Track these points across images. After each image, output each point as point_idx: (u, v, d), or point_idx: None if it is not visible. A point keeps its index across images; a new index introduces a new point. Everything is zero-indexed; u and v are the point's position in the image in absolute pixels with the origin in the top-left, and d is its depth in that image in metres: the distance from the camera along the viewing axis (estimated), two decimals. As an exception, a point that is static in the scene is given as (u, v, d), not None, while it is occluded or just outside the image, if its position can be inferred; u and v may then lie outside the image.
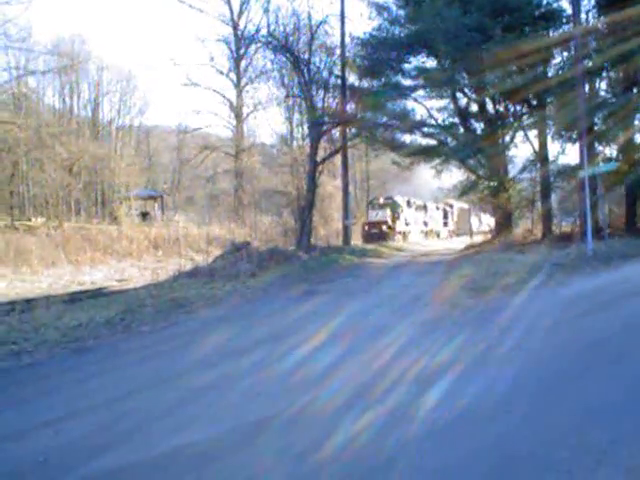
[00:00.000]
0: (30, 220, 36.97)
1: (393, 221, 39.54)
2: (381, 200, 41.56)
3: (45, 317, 10.32)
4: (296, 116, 44.77)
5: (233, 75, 43.78)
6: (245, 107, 44.02)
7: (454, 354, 7.44)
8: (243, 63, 43.12)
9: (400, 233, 40.75)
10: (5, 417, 5.77)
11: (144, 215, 42.89)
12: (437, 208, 54.18)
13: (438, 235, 52.03)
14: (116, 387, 6.69)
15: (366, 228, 39.64)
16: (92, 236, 32.43)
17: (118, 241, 32.40)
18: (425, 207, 49.18)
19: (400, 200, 42.28)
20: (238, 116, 43.44)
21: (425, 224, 48.59)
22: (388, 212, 39.65)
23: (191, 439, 5.06)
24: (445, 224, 56.84)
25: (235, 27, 43.50)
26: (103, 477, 4.47)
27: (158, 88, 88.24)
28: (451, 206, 59.95)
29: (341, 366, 7.30)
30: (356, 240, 38.49)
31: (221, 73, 44.39)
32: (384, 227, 38.74)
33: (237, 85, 43.47)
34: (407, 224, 42.71)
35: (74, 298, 14.04)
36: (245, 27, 41.90)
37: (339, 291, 14.32)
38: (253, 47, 38.26)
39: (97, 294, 16.78)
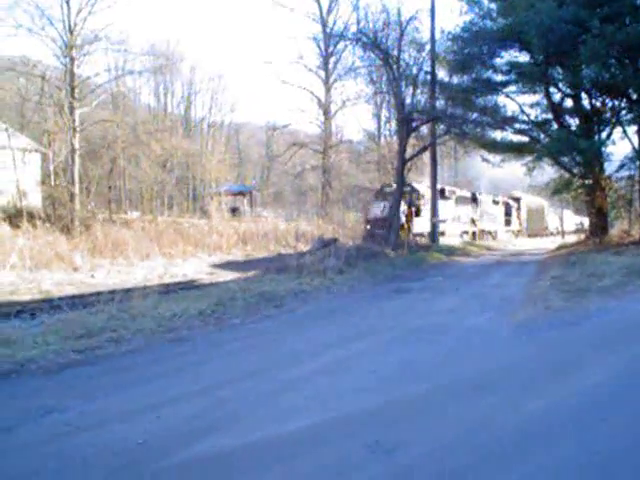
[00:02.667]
0: (126, 214, 38.49)
1: (409, 217, 29.25)
2: (393, 187, 29.64)
3: (141, 307, 10.70)
4: (384, 113, 44.59)
5: (322, 72, 44.03)
6: (333, 104, 44.20)
7: (554, 358, 7.25)
8: (332, 60, 43.33)
9: (420, 235, 30.17)
10: (109, 400, 6.03)
11: (234, 210, 43.82)
12: (495, 202, 44.51)
13: (493, 236, 42.54)
14: (211, 376, 6.88)
15: (368, 227, 29.54)
16: (184, 230, 33.40)
17: (209, 235, 33.20)
18: (475, 199, 39.87)
19: (423, 188, 32.51)
20: (326, 113, 43.65)
21: (473, 222, 39.11)
22: (402, 206, 28.65)
23: (285, 429, 5.15)
24: (507, 222, 47.31)
25: (324, 25, 43.71)
26: (199, 462, 4.60)
27: (248, 86, 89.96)
28: (517, 200, 50.63)
29: (430, 365, 7.25)
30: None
31: (310, 70, 44.74)
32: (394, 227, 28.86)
33: (326, 82, 43.70)
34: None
35: (168, 289, 14.50)
36: (334, 24, 42.06)
37: (427, 289, 14.18)
38: (342, 44, 38.42)
39: (189, 286, 17.27)
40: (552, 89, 25.67)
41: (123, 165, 40.03)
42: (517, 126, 26.53)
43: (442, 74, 27.15)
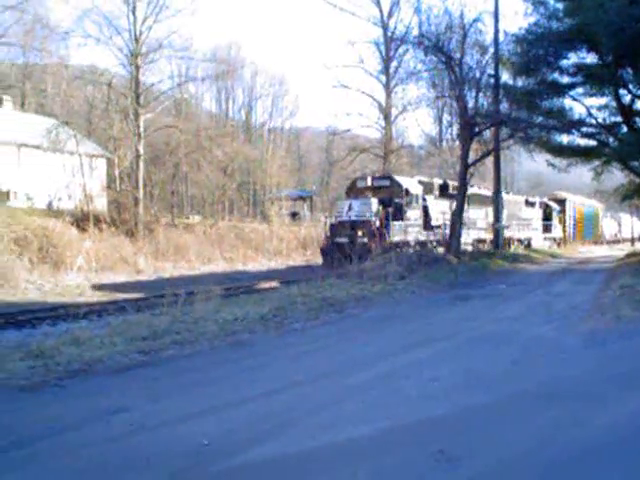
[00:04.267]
0: (188, 218, 39.22)
1: (382, 223, 22.28)
2: (368, 182, 24.25)
3: (203, 310, 10.84)
4: (446, 117, 44.13)
5: (382, 76, 43.88)
6: (394, 108, 43.98)
7: (623, 370, 6.98)
8: (393, 64, 43.11)
9: (405, 243, 23.31)
10: (172, 401, 6.11)
11: (294, 215, 44.11)
12: (529, 203, 36.90)
13: (526, 244, 34.91)
14: (272, 381, 6.89)
15: (328, 234, 23.31)
16: (244, 234, 33.84)
17: (269, 240, 33.55)
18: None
19: (411, 184, 25.06)
20: (387, 117, 43.46)
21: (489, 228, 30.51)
22: (373, 205, 22.42)
23: (346, 436, 5.09)
24: (547, 228, 40.10)
25: (385, 28, 43.56)
26: (261, 465, 4.60)
27: (308, 91, 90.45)
28: (561, 202, 43.23)
29: (494, 375, 7.09)
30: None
31: (370, 75, 44.67)
32: (361, 233, 21.98)
33: (386, 86, 43.52)
34: (431, 226, 25.68)
35: (229, 293, 14.67)
36: (395, 28, 41.86)
37: (490, 297, 13.92)
38: (403, 48, 38.22)
39: (250, 290, 17.46)
40: (622, 91, 24.85)
41: (185, 170, 40.80)
42: (584, 129, 25.76)
43: (506, 77, 26.65)
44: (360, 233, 21.97)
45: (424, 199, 25.42)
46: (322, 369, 7.42)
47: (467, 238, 27.85)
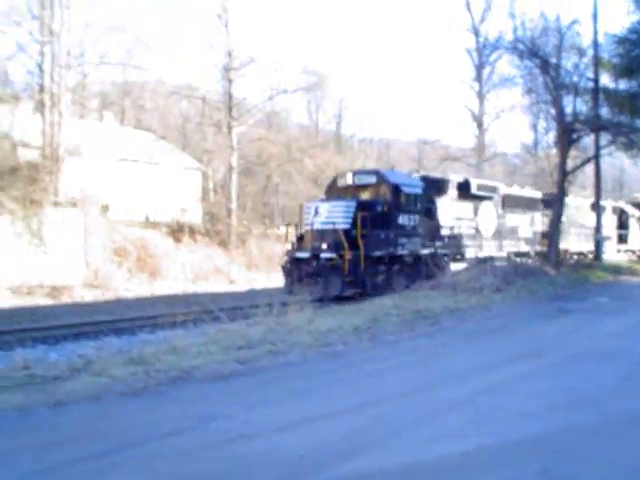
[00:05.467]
0: (279, 229, 39.76)
1: (360, 233, 16.76)
2: (348, 179, 18.98)
3: (297, 321, 10.90)
4: (541, 123, 42.85)
5: (475, 84, 43.17)
6: (486, 116, 43.15)
7: None
8: (485, 71, 42.36)
9: (387, 260, 17.86)
10: (268, 411, 6.14)
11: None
12: (600, 208, 28.32)
13: (592, 256, 28.02)
14: (367, 393, 6.81)
15: (290, 248, 18.30)
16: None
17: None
18: (546, 202, 26.50)
19: (409, 181, 19.63)
20: (480, 125, 42.69)
21: (543, 236, 26.14)
22: (347, 209, 17.27)
23: (444, 451, 4.95)
24: (622, 238, 34.15)
25: (477, 34, 42.87)
26: (355, 478, 4.52)
27: (398, 101, 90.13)
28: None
29: (597, 393, 6.74)
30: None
31: (463, 82, 44.05)
32: (326, 246, 16.85)
33: (479, 93, 42.78)
34: (440, 237, 20.42)
35: (322, 304, 14.68)
36: (487, 34, 41.11)
37: (592, 311, 13.34)
38: (496, 54, 37.46)
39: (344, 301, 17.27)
40: None
41: (277, 181, 41.41)
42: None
43: (606, 80, 25.63)
44: (324, 246, 16.78)
45: (430, 201, 19.90)
46: (417, 382, 7.29)
47: (491, 248, 23.29)
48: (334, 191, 19.16)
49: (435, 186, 20.57)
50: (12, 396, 6.53)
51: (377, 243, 17.27)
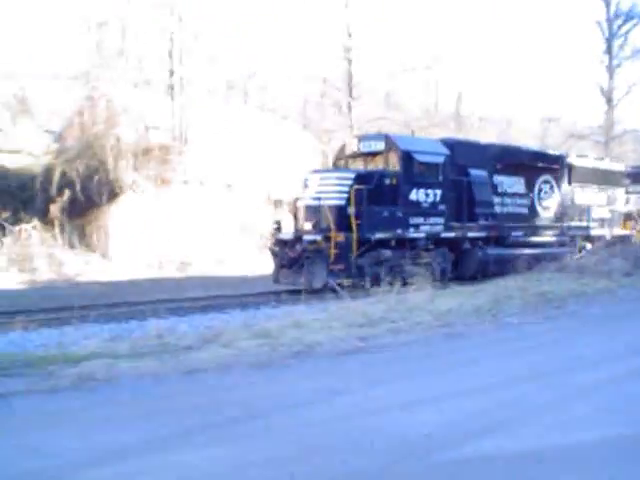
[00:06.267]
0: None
1: (359, 210, 14.14)
2: (354, 146, 16.24)
3: (417, 300, 10.88)
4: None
5: (604, 57, 40.75)
6: (616, 91, 40.65)
7: None
8: (617, 43, 39.87)
9: (392, 243, 14.90)
10: (390, 388, 6.22)
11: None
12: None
13: None
14: (490, 375, 6.73)
15: (276, 227, 15.83)
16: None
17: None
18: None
19: (426, 146, 16.33)
20: (609, 101, 40.30)
21: None
22: (342, 181, 14.53)
23: (573, 439, 4.82)
24: None
25: (608, 4, 40.35)
26: (480, 460, 4.49)
27: (520, 76, 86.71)
28: None
29: None
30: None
31: (591, 56, 41.75)
32: (311, 226, 14.49)
33: (609, 67, 40.36)
34: (474, 214, 16.79)
35: (444, 285, 14.45)
36: (619, 3, 38.64)
37: None
38: (629, 24, 35.23)
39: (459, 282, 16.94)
40: None
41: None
42: None
43: None
44: (307, 226, 14.47)
45: (461, 172, 16.49)
46: (543, 367, 7.09)
47: (554, 234, 19.20)
48: (342, 160, 16.56)
49: (464, 153, 16.93)
50: (147, 363, 6.98)
51: (378, 223, 14.37)
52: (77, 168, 21.27)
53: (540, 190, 19.06)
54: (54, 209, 20.78)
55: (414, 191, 15.20)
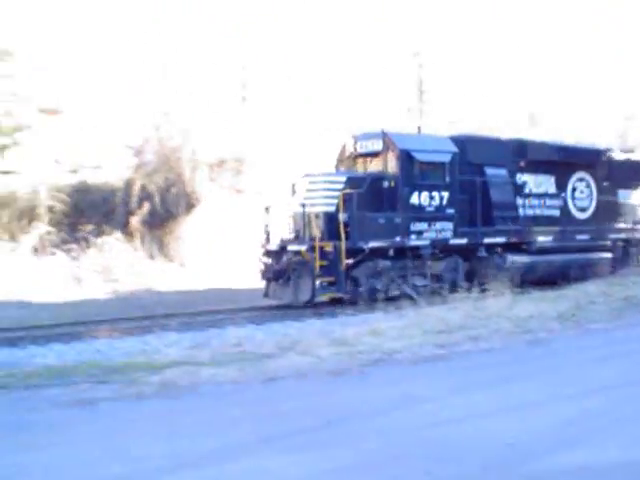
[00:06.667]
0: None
1: (345, 215, 12.94)
2: (350, 146, 14.85)
3: (496, 306, 10.67)
4: None
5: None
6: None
7: None
8: None
9: (386, 252, 13.38)
10: (474, 396, 6.11)
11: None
12: None
13: None
14: (576, 383, 6.52)
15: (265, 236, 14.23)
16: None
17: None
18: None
19: (428, 144, 14.74)
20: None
21: None
22: (331, 185, 13.39)
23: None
24: None
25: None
26: (569, 473, 4.33)
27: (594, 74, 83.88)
28: None
29: None
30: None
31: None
32: (293, 235, 13.92)
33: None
34: (490, 218, 15.16)
35: (522, 290, 13.96)
36: None
37: None
38: None
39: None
40: None
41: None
42: None
43: None
44: (292, 235, 13.80)
45: (476, 171, 15.00)
46: (630, 375, 6.84)
47: (591, 238, 16.85)
48: (343, 163, 15.08)
49: (477, 150, 15.33)
50: (228, 370, 7.09)
51: (372, 230, 13.10)
52: (156, 181, 21.95)
53: (574, 189, 17.13)
54: (134, 221, 21.48)
55: (416, 194, 13.82)
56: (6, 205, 20.54)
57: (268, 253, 13.61)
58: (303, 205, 12.97)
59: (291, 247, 13.07)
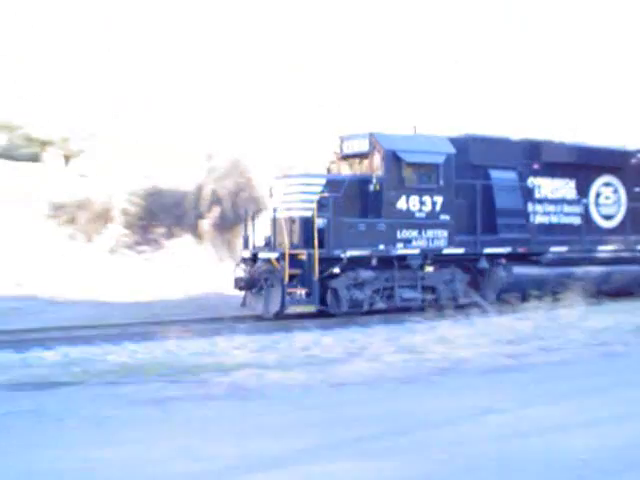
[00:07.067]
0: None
1: (320, 221, 12.22)
2: (337, 147, 14.13)
3: (568, 316, 10.38)
4: None
5: None
6: None
7: None
8: None
9: (369, 262, 12.57)
10: (545, 409, 5.99)
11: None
12: None
13: None
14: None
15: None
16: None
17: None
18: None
19: (420, 144, 13.47)
20: None
21: None
22: (307, 187, 12.58)
23: None
24: None
25: None
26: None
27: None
28: None
29: None
30: None
31: None
32: (263, 242, 13.34)
33: None
34: (494, 226, 14.04)
35: (599, 301, 13.32)
36: None
37: None
38: None
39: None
40: None
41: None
42: None
43: None
44: (262, 241, 13.18)
45: (485, 175, 14.08)
46: None
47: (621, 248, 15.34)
48: (334, 165, 14.13)
49: (492, 152, 14.13)
50: (295, 374, 7.14)
51: (351, 238, 12.19)
52: (226, 185, 22.36)
53: (599, 195, 15.45)
54: (204, 224, 21.94)
55: (403, 198, 12.77)
56: (83, 207, 21.30)
57: (244, 260, 12.91)
58: (274, 209, 12.46)
59: (262, 254, 12.45)
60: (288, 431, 5.27)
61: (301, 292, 11.87)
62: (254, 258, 12.60)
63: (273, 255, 12.04)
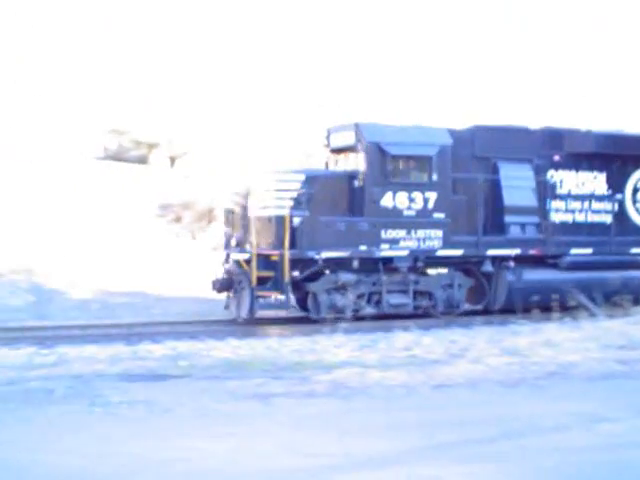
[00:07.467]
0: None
1: (293, 220, 11.65)
2: (325, 139, 13.33)
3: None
4: None
5: None
6: None
7: None
8: None
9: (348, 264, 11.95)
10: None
11: None
12: None
13: None
14: None
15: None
16: None
17: None
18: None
19: (410, 136, 12.39)
20: None
21: None
22: (281, 184, 11.76)
23: None
24: None
25: None
26: None
27: None
28: None
29: None
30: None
31: None
32: (235, 242, 12.54)
33: None
34: (502, 225, 12.97)
35: None
36: None
37: None
38: None
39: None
40: None
41: None
42: None
43: None
44: (233, 241, 12.25)
45: (492, 169, 12.83)
46: None
47: None
48: (332, 159, 13.15)
49: (502, 143, 12.83)
50: (397, 374, 7.11)
51: (328, 238, 11.34)
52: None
53: (636, 190, 13.88)
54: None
55: (389, 195, 11.76)
56: (188, 207, 22.07)
57: (226, 261, 12.29)
58: (244, 207, 11.80)
59: (234, 255, 11.84)
60: (391, 431, 5.23)
61: (276, 296, 11.35)
62: (227, 258, 12.14)
63: (242, 256, 11.53)
